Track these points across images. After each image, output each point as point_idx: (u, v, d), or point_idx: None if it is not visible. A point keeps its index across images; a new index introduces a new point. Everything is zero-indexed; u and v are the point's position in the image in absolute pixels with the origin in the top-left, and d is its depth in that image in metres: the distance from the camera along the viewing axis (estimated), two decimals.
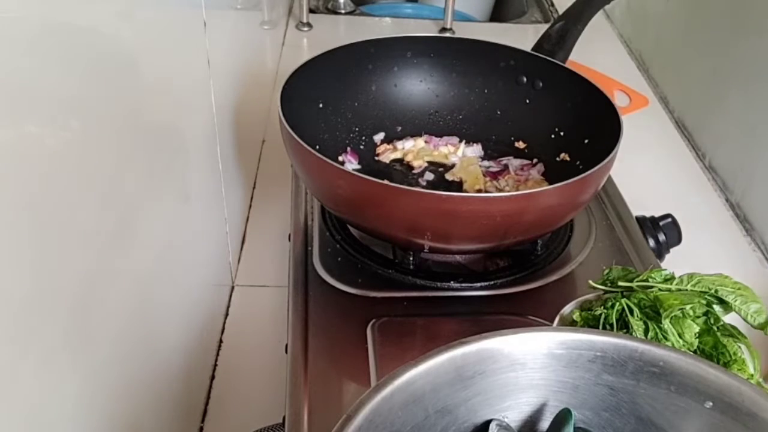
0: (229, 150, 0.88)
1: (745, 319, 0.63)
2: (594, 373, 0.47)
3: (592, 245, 0.82)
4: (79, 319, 0.45)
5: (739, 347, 0.60)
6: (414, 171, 0.89)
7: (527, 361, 0.46)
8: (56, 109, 0.42)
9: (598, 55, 1.37)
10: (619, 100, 1.28)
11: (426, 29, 1.52)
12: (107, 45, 0.51)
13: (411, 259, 0.75)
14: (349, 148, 0.90)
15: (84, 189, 0.46)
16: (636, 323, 0.61)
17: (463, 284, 0.75)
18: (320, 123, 0.87)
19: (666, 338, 0.59)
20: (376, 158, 0.91)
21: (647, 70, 1.42)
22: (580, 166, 0.80)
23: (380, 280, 0.75)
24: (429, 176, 0.89)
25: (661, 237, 0.88)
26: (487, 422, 0.47)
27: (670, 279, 0.65)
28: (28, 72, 0.39)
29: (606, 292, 0.66)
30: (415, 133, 0.93)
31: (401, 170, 0.89)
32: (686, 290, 0.63)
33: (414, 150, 0.91)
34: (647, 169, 1.11)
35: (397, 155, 0.91)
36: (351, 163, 0.88)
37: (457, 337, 0.45)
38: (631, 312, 0.62)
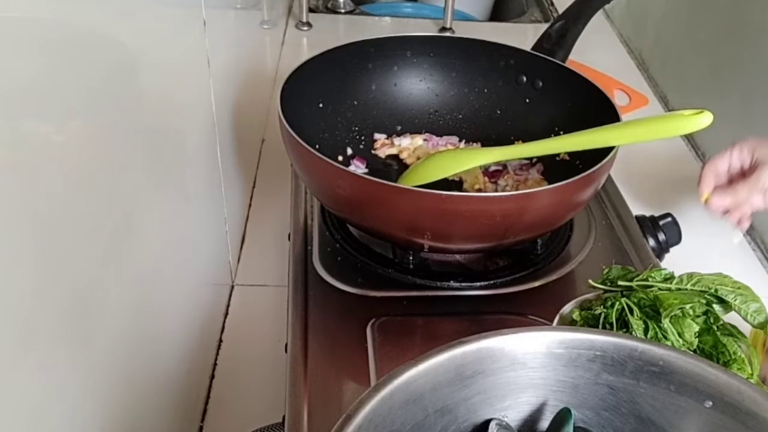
0: (228, 149, 0.88)
1: (744, 319, 0.63)
2: (594, 372, 0.47)
3: (591, 245, 0.82)
4: (79, 318, 0.45)
5: (739, 346, 0.60)
6: None
7: (527, 360, 0.46)
8: (56, 109, 0.42)
9: (598, 54, 1.37)
10: (618, 100, 1.28)
11: (426, 29, 1.52)
12: (107, 44, 0.51)
13: (411, 258, 0.75)
14: (350, 149, 0.90)
15: (84, 188, 0.46)
16: (636, 322, 0.61)
17: (463, 284, 0.75)
18: (320, 122, 0.87)
19: (666, 337, 0.59)
20: (373, 151, 0.91)
21: (647, 69, 1.42)
22: (580, 166, 0.80)
23: (380, 279, 0.75)
24: None
25: (661, 236, 0.88)
26: (487, 421, 0.47)
27: (669, 278, 0.65)
28: (28, 72, 0.39)
29: (606, 291, 0.66)
30: (415, 132, 0.94)
31: (399, 169, 0.89)
32: (686, 289, 0.63)
33: (410, 148, 0.91)
34: (647, 168, 1.11)
35: (393, 151, 0.91)
36: (359, 168, 0.88)
37: (456, 336, 0.45)
38: (631, 311, 0.62)
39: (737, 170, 0.88)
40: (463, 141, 0.93)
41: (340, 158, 0.89)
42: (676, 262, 0.82)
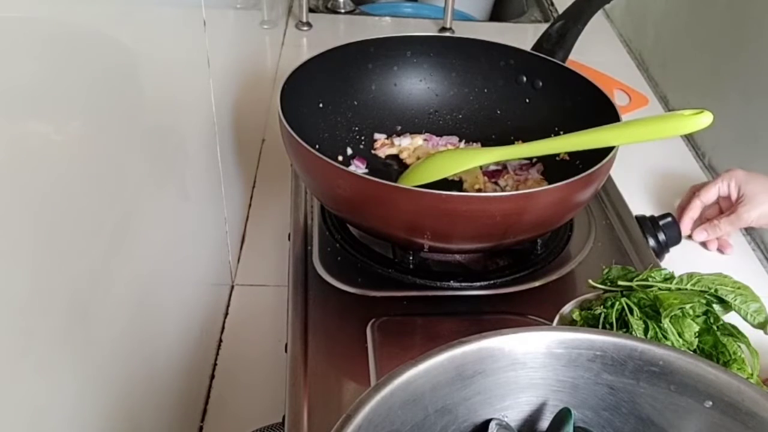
0: (228, 149, 0.88)
1: (744, 319, 0.63)
2: (594, 372, 0.47)
3: (591, 245, 0.82)
4: (78, 318, 0.45)
5: (739, 346, 0.60)
6: None
7: (527, 360, 0.46)
8: (56, 110, 0.42)
9: (598, 54, 1.37)
10: (618, 100, 1.28)
11: (426, 29, 1.52)
12: (107, 44, 0.51)
13: (411, 258, 0.75)
14: (350, 149, 0.90)
15: (84, 188, 0.46)
16: (636, 322, 0.61)
17: (463, 283, 0.75)
18: (320, 122, 0.87)
19: (666, 337, 0.59)
20: (373, 152, 0.91)
21: (647, 69, 1.42)
22: (580, 166, 0.80)
23: (380, 279, 0.75)
24: None
25: (661, 236, 0.88)
26: (487, 421, 0.47)
27: (669, 278, 0.65)
28: (28, 72, 0.39)
29: (606, 291, 0.66)
30: (415, 132, 0.94)
31: (399, 169, 0.89)
32: (686, 289, 0.63)
33: (410, 148, 0.91)
34: (647, 168, 1.11)
35: (393, 151, 0.91)
36: (359, 168, 0.88)
37: (456, 336, 0.45)
38: (631, 311, 0.62)
39: (725, 195, 0.93)
40: (463, 141, 0.93)
41: (340, 158, 0.89)
42: (676, 262, 0.83)
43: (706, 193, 0.96)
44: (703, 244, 0.98)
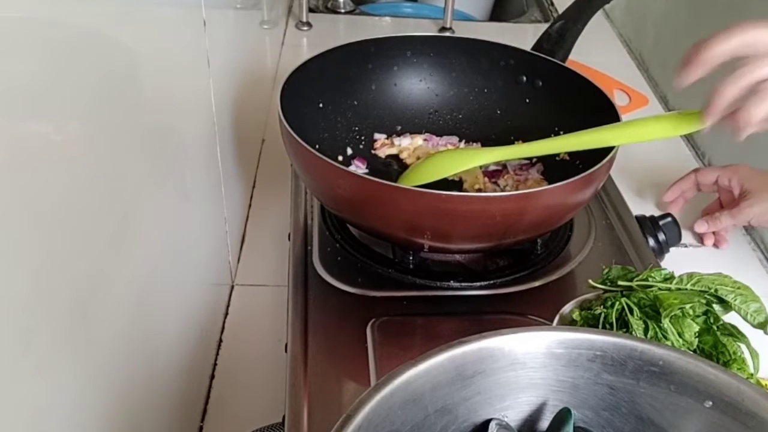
0: (228, 149, 0.88)
1: (744, 319, 0.63)
2: (594, 372, 0.47)
3: (591, 245, 0.82)
4: (78, 318, 0.45)
5: (739, 346, 0.60)
6: None
7: (527, 360, 0.46)
8: (56, 110, 0.42)
9: (598, 54, 1.37)
10: (618, 100, 1.28)
11: (426, 29, 1.52)
12: (107, 44, 0.51)
13: (411, 258, 0.75)
14: (350, 149, 0.90)
15: (84, 188, 0.46)
16: (636, 322, 0.61)
17: (463, 283, 0.75)
18: (320, 122, 0.87)
19: (666, 337, 0.59)
20: (373, 151, 0.91)
21: (647, 69, 1.42)
22: (580, 166, 0.80)
23: (380, 279, 0.75)
24: None
25: (661, 236, 0.88)
26: (487, 421, 0.47)
27: (669, 278, 0.65)
28: (28, 72, 0.39)
29: (606, 291, 0.66)
30: (415, 132, 0.94)
31: (399, 169, 0.89)
32: (686, 289, 0.63)
33: (410, 148, 0.91)
34: (647, 168, 1.11)
35: (393, 151, 0.91)
36: (359, 168, 0.88)
37: (456, 336, 0.45)
38: (631, 311, 0.62)
39: (725, 186, 0.93)
40: (463, 141, 0.93)
41: (340, 158, 0.89)
42: (676, 262, 0.83)
43: (704, 174, 0.95)
44: (700, 239, 0.98)
